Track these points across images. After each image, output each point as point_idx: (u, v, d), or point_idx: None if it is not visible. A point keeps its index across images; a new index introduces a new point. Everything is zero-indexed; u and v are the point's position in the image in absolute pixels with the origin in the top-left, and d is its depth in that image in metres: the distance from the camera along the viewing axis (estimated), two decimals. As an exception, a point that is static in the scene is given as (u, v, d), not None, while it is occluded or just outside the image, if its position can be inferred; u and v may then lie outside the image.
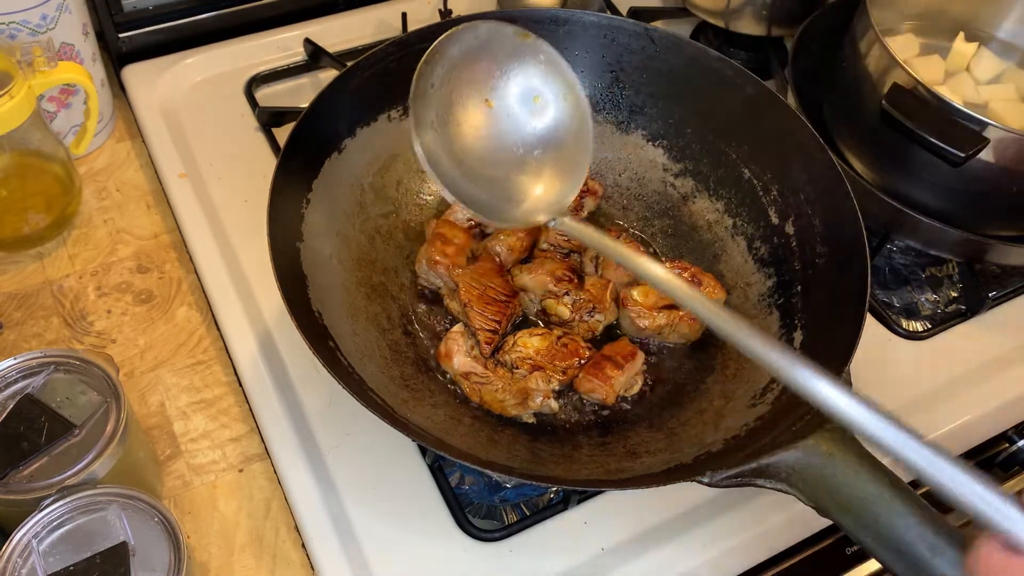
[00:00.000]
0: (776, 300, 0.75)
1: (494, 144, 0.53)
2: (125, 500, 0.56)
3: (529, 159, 0.54)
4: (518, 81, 0.53)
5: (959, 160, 0.72)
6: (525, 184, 0.53)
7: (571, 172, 0.53)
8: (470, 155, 0.52)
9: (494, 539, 0.67)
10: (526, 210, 0.55)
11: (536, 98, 0.53)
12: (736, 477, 0.57)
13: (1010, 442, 0.86)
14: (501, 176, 0.53)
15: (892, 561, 0.53)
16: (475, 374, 0.70)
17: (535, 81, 0.52)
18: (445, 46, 0.51)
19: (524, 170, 0.54)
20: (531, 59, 0.52)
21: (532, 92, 0.53)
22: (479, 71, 0.52)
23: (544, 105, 0.53)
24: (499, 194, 0.54)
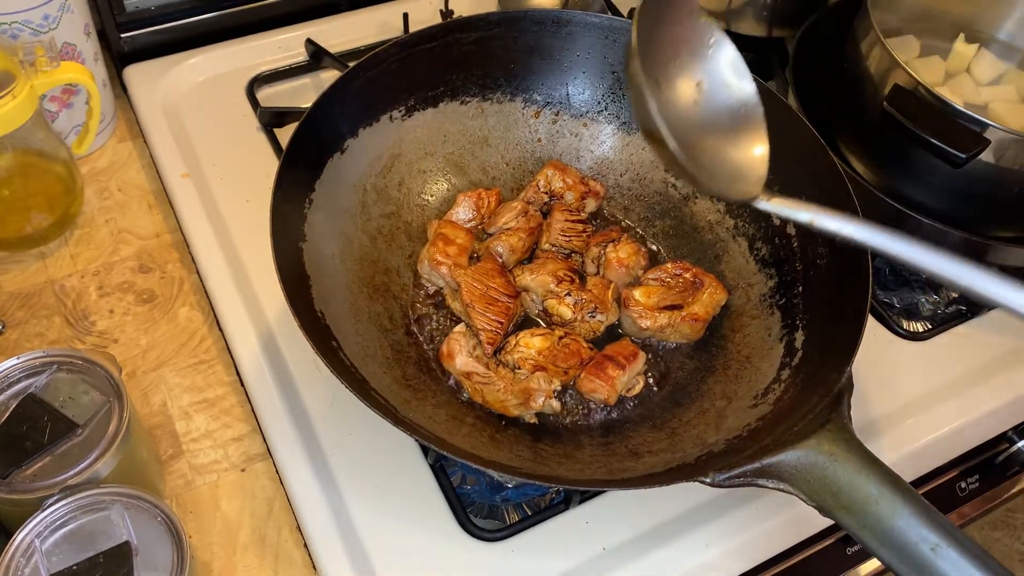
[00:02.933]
0: (777, 300, 0.75)
1: (704, 110, 0.52)
2: (128, 500, 0.56)
3: (725, 128, 0.53)
4: (715, 56, 0.52)
5: (960, 161, 0.72)
6: (723, 151, 0.51)
7: (747, 164, 0.52)
8: (690, 125, 0.51)
9: (496, 539, 0.67)
10: (730, 180, 0.52)
11: (699, 83, 0.52)
12: (738, 477, 0.58)
13: (1010, 442, 0.87)
14: (702, 142, 0.51)
15: (894, 561, 0.54)
16: (477, 374, 0.70)
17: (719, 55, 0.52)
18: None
19: (718, 137, 0.52)
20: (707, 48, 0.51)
21: (726, 62, 0.52)
22: (661, 48, 0.51)
23: (715, 92, 0.52)
24: (704, 165, 0.51)
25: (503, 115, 0.85)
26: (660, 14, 0.50)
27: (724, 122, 0.52)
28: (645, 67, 0.48)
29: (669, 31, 0.51)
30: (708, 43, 0.52)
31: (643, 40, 0.49)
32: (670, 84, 0.51)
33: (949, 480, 0.86)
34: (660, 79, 0.50)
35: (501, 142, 0.86)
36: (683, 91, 0.51)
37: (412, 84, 0.81)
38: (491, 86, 0.84)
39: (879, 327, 0.83)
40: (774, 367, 0.70)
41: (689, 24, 0.52)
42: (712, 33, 0.52)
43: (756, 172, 0.52)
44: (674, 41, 0.51)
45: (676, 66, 0.51)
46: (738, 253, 0.79)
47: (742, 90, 0.53)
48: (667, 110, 0.49)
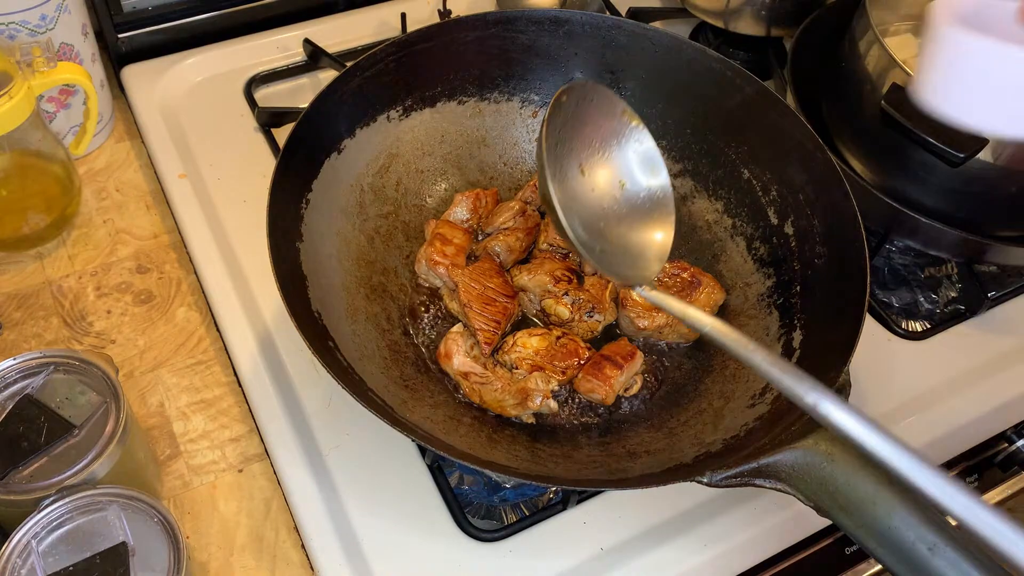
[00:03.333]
0: (775, 300, 0.75)
1: (610, 200, 0.54)
2: (125, 500, 0.56)
3: (621, 224, 0.55)
4: (610, 160, 0.53)
5: (958, 160, 0.72)
6: (627, 238, 0.54)
7: (649, 251, 0.54)
8: (591, 215, 0.53)
9: (493, 539, 0.67)
10: (622, 268, 0.55)
11: (622, 183, 0.54)
12: (736, 477, 0.58)
13: (1009, 442, 0.86)
14: (608, 229, 0.54)
15: (891, 561, 0.54)
16: (475, 374, 0.70)
17: (626, 165, 0.53)
18: (563, 101, 0.52)
19: (622, 225, 0.54)
20: (630, 143, 0.53)
21: (620, 175, 0.54)
22: (583, 135, 0.53)
23: (628, 191, 0.54)
24: (601, 250, 0.54)
25: (501, 115, 0.85)
26: (588, 104, 0.52)
27: (636, 213, 0.54)
28: (560, 151, 0.50)
29: (595, 123, 0.53)
30: (630, 139, 0.54)
31: (568, 124, 0.51)
32: (591, 171, 0.52)
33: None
34: (583, 164, 0.52)
35: (499, 142, 0.86)
36: (600, 179, 0.52)
37: (409, 84, 0.81)
38: (489, 86, 0.84)
39: (877, 326, 0.82)
40: (772, 367, 0.70)
41: (615, 119, 0.54)
42: (634, 130, 0.54)
43: (654, 262, 0.55)
44: (600, 132, 0.53)
45: (599, 156, 0.53)
46: (736, 253, 0.79)
47: (656, 184, 0.54)
48: (579, 195, 0.51)
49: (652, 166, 0.55)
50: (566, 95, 0.52)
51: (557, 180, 0.51)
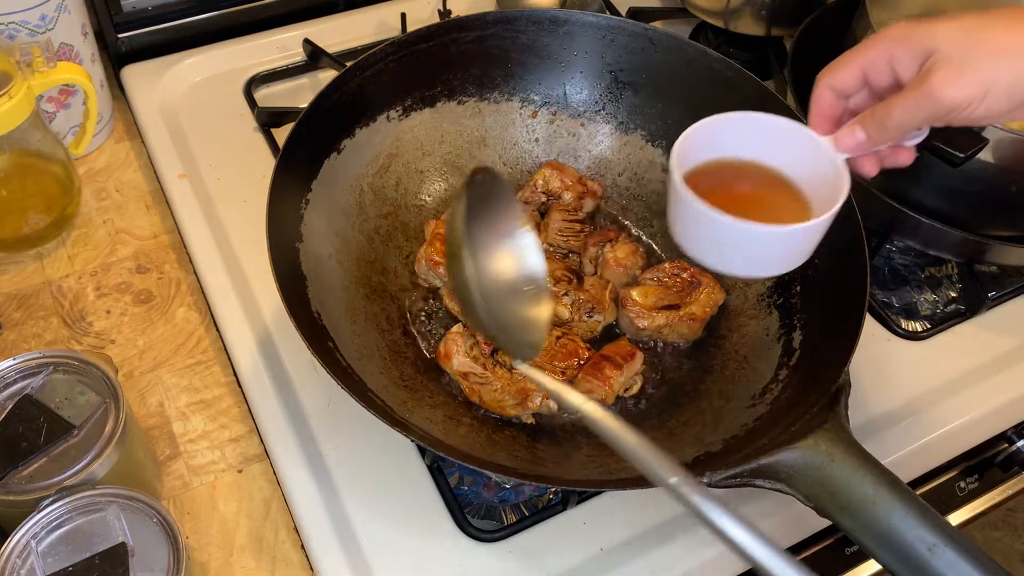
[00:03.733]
0: (775, 300, 0.75)
1: (508, 281, 0.57)
2: (124, 501, 0.56)
3: (530, 293, 0.58)
4: (513, 228, 0.57)
5: (958, 160, 0.72)
6: (505, 320, 0.57)
7: (530, 327, 0.57)
8: (492, 295, 0.56)
9: (493, 540, 0.67)
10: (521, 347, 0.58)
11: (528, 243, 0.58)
12: (735, 477, 0.57)
13: (1009, 442, 0.86)
14: (518, 310, 0.57)
15: (891, 561, 0.54)
16: (474, 374, 0.70)
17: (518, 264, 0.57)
18: (481, 179, 0.55)
19: (522, 305, 0.58)
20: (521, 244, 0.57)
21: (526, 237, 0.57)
22: (501, 214, 0.56)
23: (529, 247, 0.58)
24: (520, 328, 0.57)
25: (500, 115, 0.85)
26: (491, 198, 0.56)
27: (522, 298, 0.58)
28: (470, 238, 0.53)
29: (495, 214, 0.56)
30: (517, 231, 0.58)
31: (475, 211, 0.54)
32: (487, 255, 0.55)
33: (949, 480, 0.86)
34: (479, 250, 0.55)
35: (498, 142, 0.86)
36: (497, 264, 0.56)
37: (409, 84, 0.81)
38: (488, 86, 0.84)
39: (877, 326, 0.82)
40: (772, 367, 0.70)
41: (510, 214, 0.57)
42: (525, 232, 0.58)
43: (539, 341, 0.58)
44: (496, 222, 0.56)
45: (496, 243, 0.56)
46: (736, 253, 0.79)
47: (539, 278, 0.58)
48: (480, 277, 0.54)
49: (536, 260, 0.58)
50: (476, 179, 0.54)
51: (471, 259, 0.53)
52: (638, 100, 0.84)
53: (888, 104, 0.53)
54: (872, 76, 0.55)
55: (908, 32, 0.53)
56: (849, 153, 0.57)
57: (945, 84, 0.50)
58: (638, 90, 0.84)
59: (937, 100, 0.51)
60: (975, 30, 0.51)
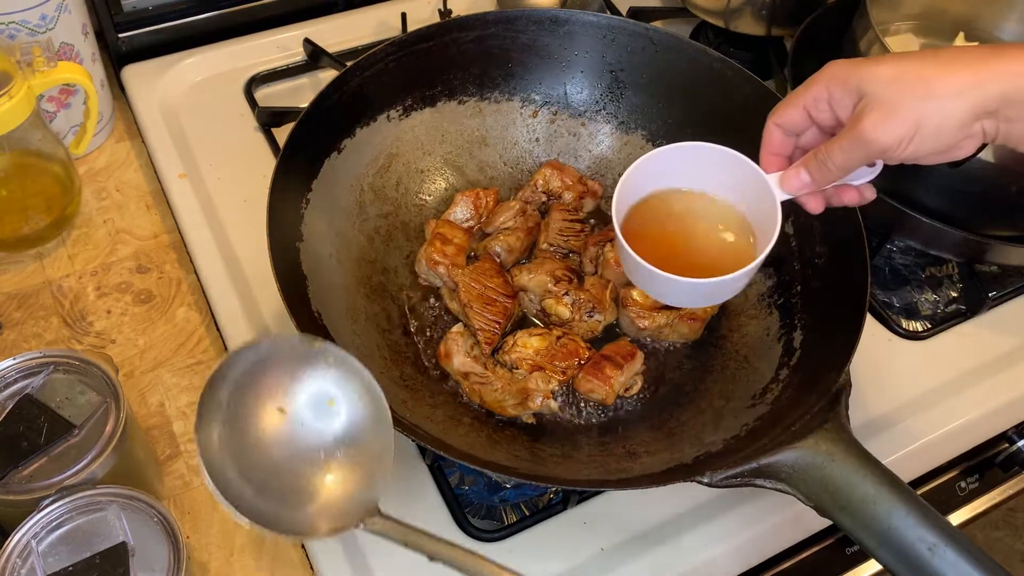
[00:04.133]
0: (776, 300, 0.75)
1: (291, 451, 0.52)
2: (124, 500, 0.56)
3: (332, 461, 0.53)
4: (309, 386, 0.53)
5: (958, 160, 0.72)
6: (327, 488, 0.53)
7: (373, 473, 0.53)
8: (268, 469, 0.51)
9: (494, 539, 0.67)
10: (325, 516, 0.53)
11: (330, 401, 0.53)
12: (736, 477, 0.57)
13: (1010, 442, 0.86)
14: (303, 484, 0.52)
15: (891, 561, 0.54)
16: (475, 374, 0.70)
17: (327, 385, 0.53)
18: (227, 368, 0.51)
19: (326, 474, 0.53)
20: (321, 363, 0.53)
21: (325, 396, 0.53)
22: (268, 383, 0.52)
23: (339, 408, 0.53)
24: (300, 503, 0.52)
25: (501, 115, 0.85)
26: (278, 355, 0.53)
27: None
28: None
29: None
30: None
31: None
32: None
33: (949, 480, 0.86)
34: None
35: (499, 142, 0.86)
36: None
37: (410, 84, 0.81)
38: (489, 85, 0.84)
39: (878, 326, 0.82)
40: (772, 367, 0.70)
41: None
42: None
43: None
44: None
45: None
46: (736, 252, 0.79)
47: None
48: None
49: (355, 379, 0.54)
50: (230, 363, 0.51)
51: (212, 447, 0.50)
52: (638, 100, 0.84)
53: (828, 146, 0.55)
54: (815, 115, 0.57)
55: (845, 73, 0.54)
56: (794, 193, 0.58)
57: (876, 126, 0.52)
58: (638, 90, 0.84)
59: (869, 142, 0.52)
60: (907, 72, 0.52)
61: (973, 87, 0.51)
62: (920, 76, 0.51)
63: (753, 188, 0.60)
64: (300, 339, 0.53)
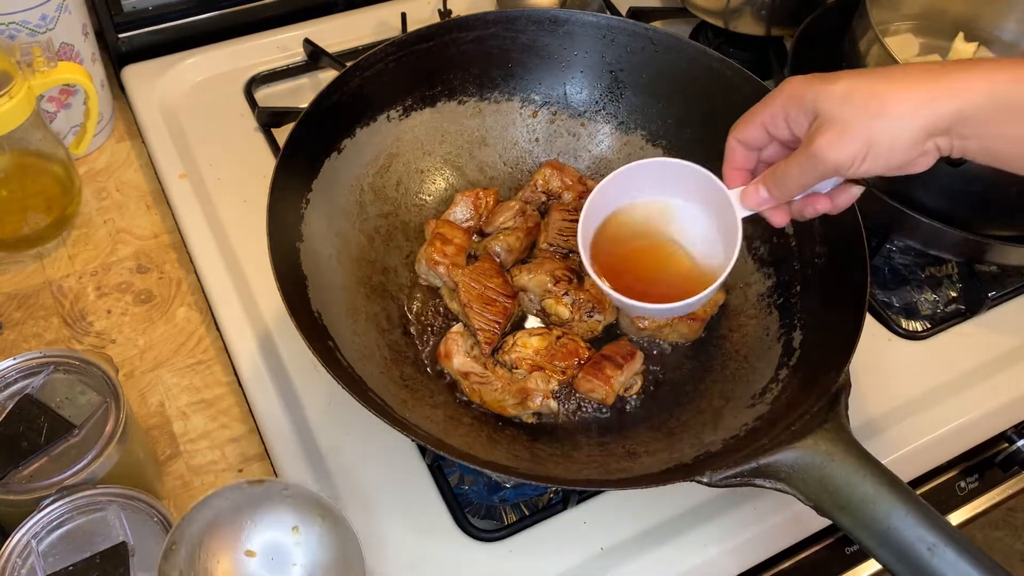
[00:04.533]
0: (775, 300, 0.75)
1: None
2: (125, 500, 0.56)
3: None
4: (271, 522, 0.53)
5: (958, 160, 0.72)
6: None
7: None
8: None
9: (494, 539, 0.67)
10: None
11: (295, 529, 0.54)
12: (735, 477, 0.57)
13: (1010, 442, 0.86)
14: None
15: (891, 561, 0.54)
16: (475, 374, 0.70)
17: (289, 514, 0.54)
18: (182, 532, 0.51)
19: None
20: (276, 497, 0.54)
21: (289, 525, 0.54)
22: (226, 532, 0.53)
23: (305, 535, 0.54)
24: None
25: (501, 115, 0.85)
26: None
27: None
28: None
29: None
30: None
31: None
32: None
33: (949, 480, 0.86)
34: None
35: (499, 142, 0.86)
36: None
37: (409, 84, 0.81)
38: (489, 86, 0.84)
39: (877, 326, 0.82)
40: (772, 367, 0.70)
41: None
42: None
43: None
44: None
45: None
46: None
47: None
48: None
49: (312, 502, 0.55)
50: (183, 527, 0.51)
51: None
52: (638, 100, 0.84)
53: (785, 164, 0.55)
54: (773, 131, 0.57)
55: (801, 91, 0.54)
56: (755, 209, 0.59)
57: (829, 146, 0.52)
58: (638, 90, 0.84)
59: (822, 161, 0.52)
60: (858, 89, 0.52)
61: (926, 104, 0.50)
62: (872, 93, 0.51)
63: (718, 203, 0.61)
64: (249, 482, 0.54)
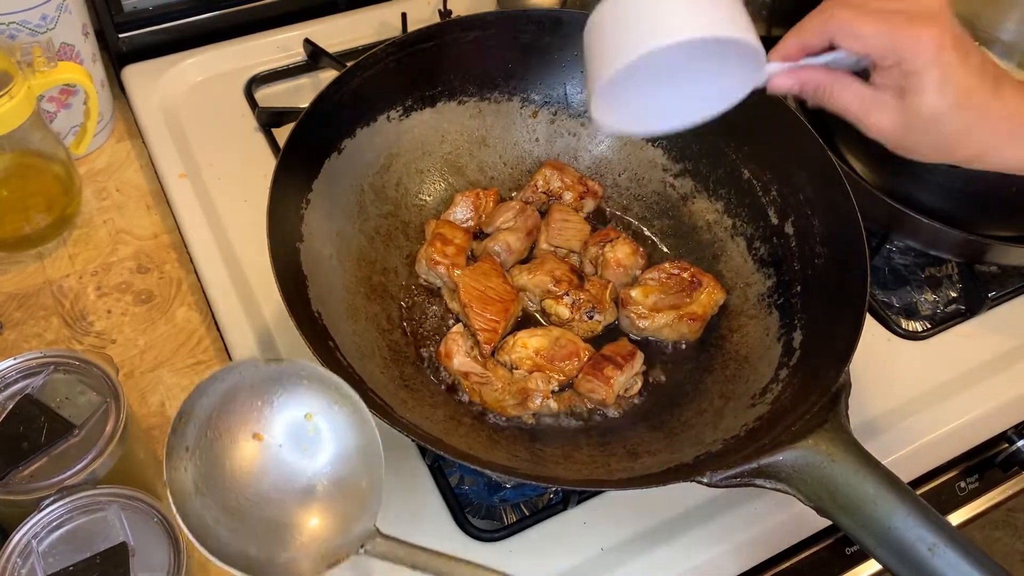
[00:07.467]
0: (776, 300, 0.75)
1: (273, 481, 0.49)
2: (125, 500, 0.56)
3: (318, 485, 0.50)
4: (283, 407, 0.50)
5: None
6: (319, 515, 0.49)
7: (366, 492, 0.50)
8: (249, 505, 0.48)
9: (494, 539, 0.67)
10: (317, 552, 0.49)
11: (308, 416, 0.50)
12: (736, 477, 0.57)
13: (1009, 442, 0.86)
14: (291, 518, 0.48)
15: (891, 561, 0.54)
16: (475, 374, 0.70)
17: (304, 399, 0.50)
18: (192, 404, 0.49)
19: (313, 503, 0.49)
20: (293, 379, 0.50)
21: (301, 412, 0.50)
22: (238, 412, 0.49)
23: (319, 422, 0.50)
24: (290, 539, 0.48)
25: (501, 115, 0.85)
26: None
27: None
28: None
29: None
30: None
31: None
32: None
33: (949, 480, 0.86)
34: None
35: (499, 142, 0.86)
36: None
37: (410, 84, 0.81)
38: (489, 86, 0.84)
39: (877, 326, 0.82)
40: (772, 367, 0.70)
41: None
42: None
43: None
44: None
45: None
46: (736, 253, 0.79)
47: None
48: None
49: (331, 392, 0.51)
50: (195, 398, 0.49)
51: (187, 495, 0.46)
52: (638, 100, 0.84)
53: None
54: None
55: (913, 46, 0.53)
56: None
57: (928, 105, 0.54)
58: (638, 90, 0.84)
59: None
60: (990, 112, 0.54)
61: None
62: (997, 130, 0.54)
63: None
64: (264, 359, 0.50)
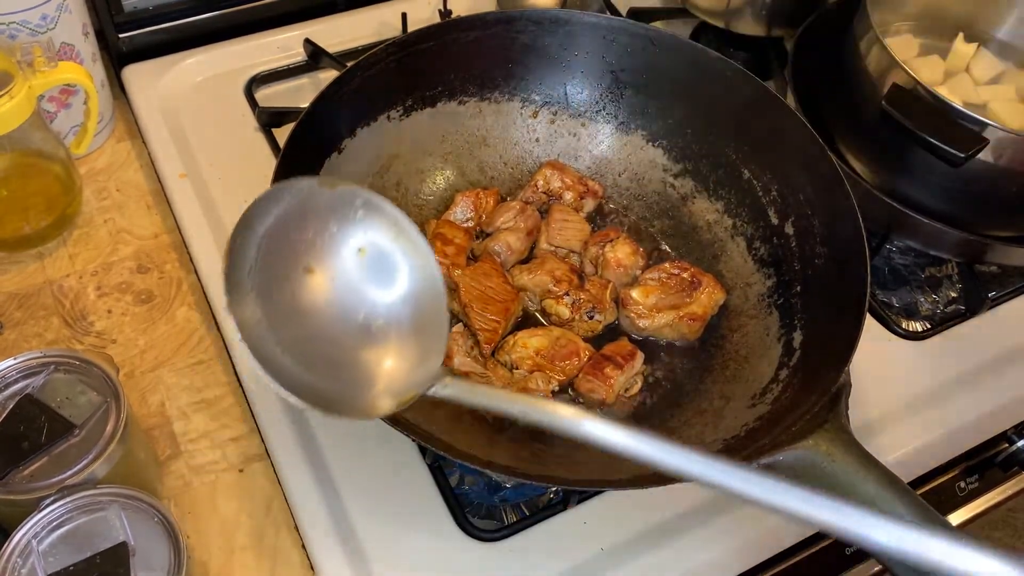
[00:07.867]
0: (776, 300, 0.75)
1: (331, 316, 0.44)
2: (125, 500, 0.56)
3: (377, 323, 0.45)
4: (336, 236, 0.45)
5: (959, 160, 0.72)
6: (379, 357, 0.45)
7: (429, 329, 0.45)
8: (307, 339, 0.44)
9: (494, 539, 0.67)
10: (385, 390, 0.46)
11: (361, 250, 0.45)
12: (736, 477, 0.57)
13: (1010, 442, 0.86)
14: (350, 357, 0.45)
15: (891, 562, 0.54)
16: (475, 374, 0.70)
17: (356, 231, 0.45)
18: (249, 220, 0.45)
19: (374, 340, 0.45)
20: (347, 208, 0.45)
21: (356, 244, 0.45)
22: (291, 239, 0.45)
23: (374, 255, 0.45)
24: (352, 377, 0.45)
25: (501, 115, 0.85)
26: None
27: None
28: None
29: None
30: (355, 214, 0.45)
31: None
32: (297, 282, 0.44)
33: (949, 480, 0.86)
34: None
35: (499, 142, 0.86)
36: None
37: (410, 84, 0.81)
38: (489, 86, 0.84)
39: (878, 326, 0.82)
40: (772, 367, 0.70)
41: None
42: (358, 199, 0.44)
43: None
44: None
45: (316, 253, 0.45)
46: (736, 253, 0.79)
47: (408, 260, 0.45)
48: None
49: (386, 220, 0.45)
50: (250, 216, 0.45)
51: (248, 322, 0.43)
52: (639, 100, 0.84)
53: None
54: None
55: None
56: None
57: None
58: (639, 90, 0.84)
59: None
60: None
61: None
62: None
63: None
64: (318, 181, 0.45)
